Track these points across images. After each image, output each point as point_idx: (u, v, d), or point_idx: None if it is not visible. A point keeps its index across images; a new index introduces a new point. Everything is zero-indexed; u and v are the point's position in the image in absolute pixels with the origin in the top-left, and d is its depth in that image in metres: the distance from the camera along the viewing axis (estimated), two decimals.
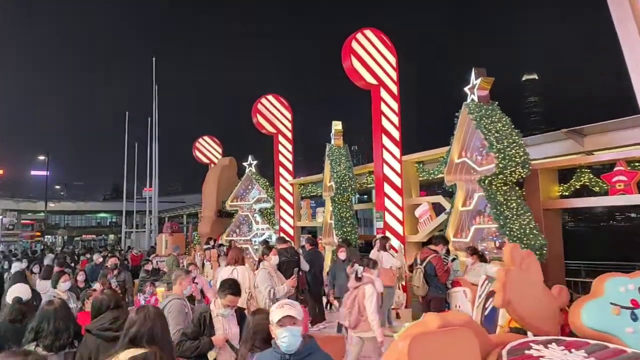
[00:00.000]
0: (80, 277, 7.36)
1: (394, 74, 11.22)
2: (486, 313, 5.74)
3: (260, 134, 16.57)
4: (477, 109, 8.00)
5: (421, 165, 11.08)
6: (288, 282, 5.53)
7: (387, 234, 10.60)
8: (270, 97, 16.23)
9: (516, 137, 7.43)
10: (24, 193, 58.21)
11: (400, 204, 10.87)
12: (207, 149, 22.32)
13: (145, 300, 7.66)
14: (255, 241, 17.42)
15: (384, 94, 11.01)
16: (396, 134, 11.05)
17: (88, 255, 16.99)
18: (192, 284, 5.00)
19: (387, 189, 10.82)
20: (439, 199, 10.32)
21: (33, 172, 62.81)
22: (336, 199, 11.35)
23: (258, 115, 15.88)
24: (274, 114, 16.13)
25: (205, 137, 22.37)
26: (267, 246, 5.92)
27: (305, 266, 8.05)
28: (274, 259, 5.71)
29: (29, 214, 53.89)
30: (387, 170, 10.86)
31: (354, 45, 10.78)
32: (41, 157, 44.94)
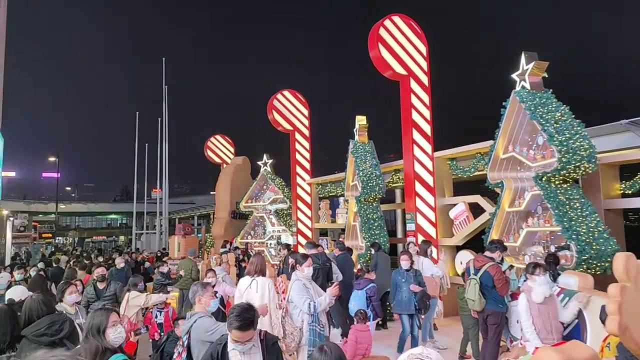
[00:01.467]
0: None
1: (424, 64, 10.34)
2: (565, 333, 4.86)
3: (273, 132, 15.81)
4: (531, 97, 7.10)
5: (454, 163, 10.18)
6: (330, 292, 4.68)
7: (420, 237, 9.76)
8: (286, 92, 15.43)
9: (579, 128, 6.52)
10: (34, 195, 58.03)
11: (432, 204, 9.99)
12: (219, 148, 21.59)
13: (159, 314, 6.86)
14: (270, 243, 16.64)
15: (414, 85, 10.14)
16: (427, 129, 10.18)
17: (101, 259, 16.35)
18: (214, 297, 4.17)
19: (419, 188, 9.95)
20: (477, 198, 9.41)
21: (44, 175, 62.87)
22: (362, 200, 10.49)
23: (274, 112, 15.08)
24: (290, 110, 15.32)
25: (217, 136, 21.65)
26: (301, 254, 5.08)
27: (338, 274, 7.23)
28: (307, 270, 4.87)
29: (40, 215, 53.67)
30: (418, 168, 9.99)
31: (382, 32, 9.91)
32: (52, 159, 44.51)
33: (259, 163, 16.86)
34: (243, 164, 19.18)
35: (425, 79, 10.26)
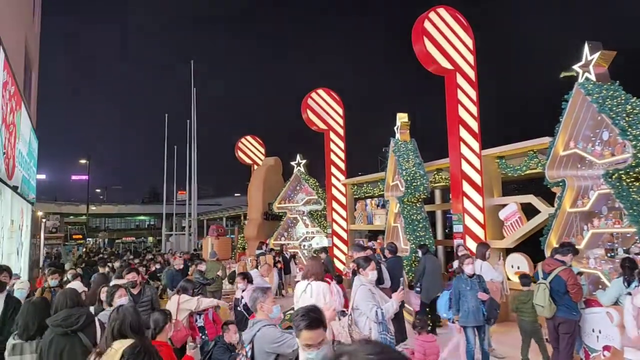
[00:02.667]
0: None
1: (471, 58, 9.91)
2: None
3: (303, 133, 15.59)
4: (597, 89, 6.63)
5: (503, 161, 9.71)
6: (396, 297, 4.34)
7: (468, 239, 9.34)
8: (320, 91, 15.16)
9: None
10: (64, 197, 59.34)
11: (480, 204, 9.55)
12: (250, 149, 21.49)
13: (198, 317, 6.58)
14: (304, 245, 16.39)
15: (460, 80, 9.72)
16: (475, 125, 9.75)
17: (136, 260, 16.36)
18: (275, 302, 3.88)
19: (466, 187, 9.52)
20: (530, 198, 8.93)
21: (74, 177, 64.33)
22: (405, 200, 10.11)
23: (308, 111, 14.83)
24: (324, 109, 15.04)
25: (248, 137, 21.56)
26: (363, 257, 4.75)
27: (387, 279, 6.88)
28: (371, 274, 4.54)
29: (71, 217, 54.88)
30: (465, 167, 9.56)
31: (427, 25, 9.53)
32: (82, 161, 45.40)
33: (292, 163, 16.64)
34: (275, 164, 19.02)
35: (472, 74, 9.84)
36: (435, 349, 4.96)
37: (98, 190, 71.82)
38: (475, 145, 9.64)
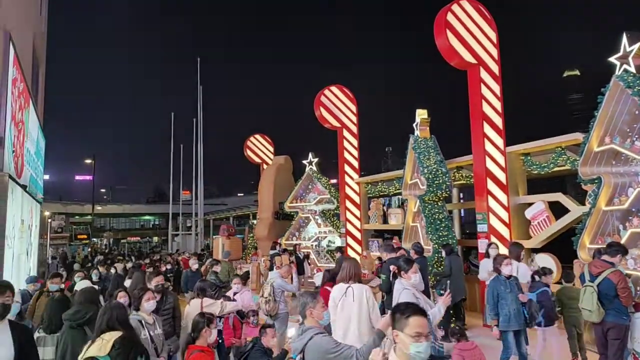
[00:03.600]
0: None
1: (494, 52, 9.59)
2: None
3: (312, 131, 15.30)
4: (638, 81, 6.30)
5: (528, 158, 9.39)
6: (441, 302, 4.04)
7: (492, 238, 9.02)
8: (333, 88, 14.86)
9: None
10: (67, 197, 59.21)
11: (505, 203, 9.23)
12: (259, 147, 21.21)
13: (218, 320, 6.22)
14: (315, 245, 16.08)
15: (484, 74, 9.40)
16: (499, 121, 9.42)
17: (147, 261, 16.11)
18: (326, 308, 3.55)
19: (491, 185, 9.20)
20: (559, 196, 8.61)
21: (78, 177, 64.14)
22: (426, 198, 9.79)
23: (321, 108, 14.53)
24: (338, 106, 14.73)
25: (257, 136, 21.29)
26: (404, 259, 4.45)
27: (421, 281, 6.56)
28: (413, 277, 4.25)
29: (76, 217, 54.70)
30: (489, 164, 9.24)
31: (450, 18, 9.21)
32: (87, 161, 45.18)
33: (304, 162, 16.34)
34: (285, 163, 18.74)
35: (495, 68, 9.51)
36: (479, 356, 4.63)
37: (103, 190, 71.78)
38: (500, 141, 9.32)
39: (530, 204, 9.14)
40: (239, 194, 67.83)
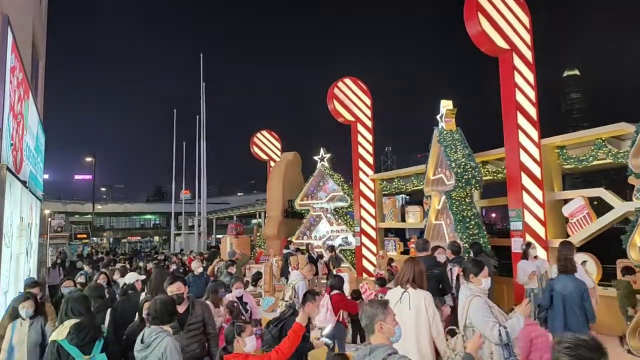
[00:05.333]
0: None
1: (527, 37, 8.97)
2: None
3: (319, 126, 14.70)
4: None
5: (564, 151, 8.77)
6: (521, 311, 3.39)
7: (528, 237, 8.39)
8: (347, 80, 14.24)
9: None
10: (67, 196, 58.51)
11: (540, 199, 8.61)
12: (265, 144, 20.56)
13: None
14: (328, 244, 15.42)
15: (517, 61, 8.78)
16: (533, 112, 8.81)
17: (141, 264, 15.43)
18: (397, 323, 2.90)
19: (525, 180, 8.58)
20: (600, 192, 8.00)
21: (77, 176, 63.35)
22: (454, 195, 9.15)
23: (335, 102, 13.90)
24: (352, 100, 14.11)
25: (263, 132, 20.63)
26: (473, 261, 3.81)
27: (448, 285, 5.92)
28: (484, 282, 3.61)
29: (76, 216, 54.01)
30: (524, 157, 8.62)
31: (483, 2, 8.58)
32: (88, 159, 44.51)
33: (315, 158, 15.70)
34: (294, 159, 18.09)
35: (529, 55, 8.90)
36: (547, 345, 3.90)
37: (103, 189, 71.15)
38: (534, 133, 8.71)
39: (566, 201, 8.54)
40: (239, 193, 67.19)
